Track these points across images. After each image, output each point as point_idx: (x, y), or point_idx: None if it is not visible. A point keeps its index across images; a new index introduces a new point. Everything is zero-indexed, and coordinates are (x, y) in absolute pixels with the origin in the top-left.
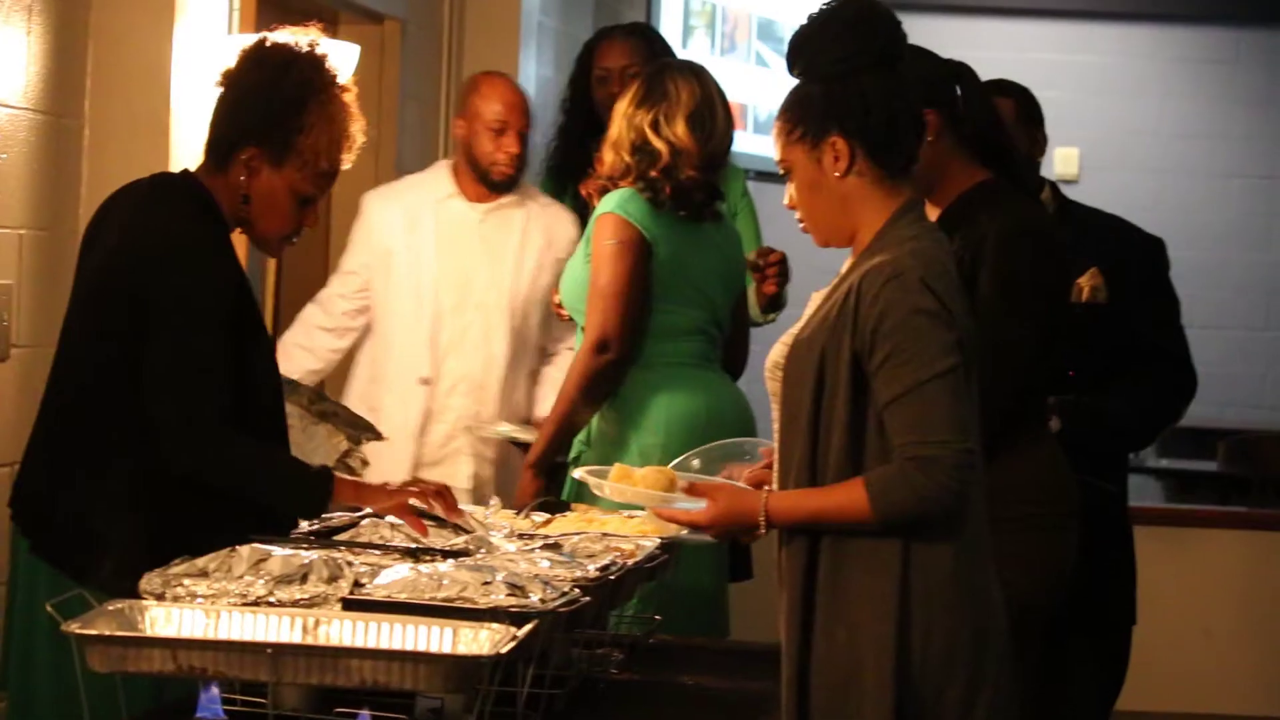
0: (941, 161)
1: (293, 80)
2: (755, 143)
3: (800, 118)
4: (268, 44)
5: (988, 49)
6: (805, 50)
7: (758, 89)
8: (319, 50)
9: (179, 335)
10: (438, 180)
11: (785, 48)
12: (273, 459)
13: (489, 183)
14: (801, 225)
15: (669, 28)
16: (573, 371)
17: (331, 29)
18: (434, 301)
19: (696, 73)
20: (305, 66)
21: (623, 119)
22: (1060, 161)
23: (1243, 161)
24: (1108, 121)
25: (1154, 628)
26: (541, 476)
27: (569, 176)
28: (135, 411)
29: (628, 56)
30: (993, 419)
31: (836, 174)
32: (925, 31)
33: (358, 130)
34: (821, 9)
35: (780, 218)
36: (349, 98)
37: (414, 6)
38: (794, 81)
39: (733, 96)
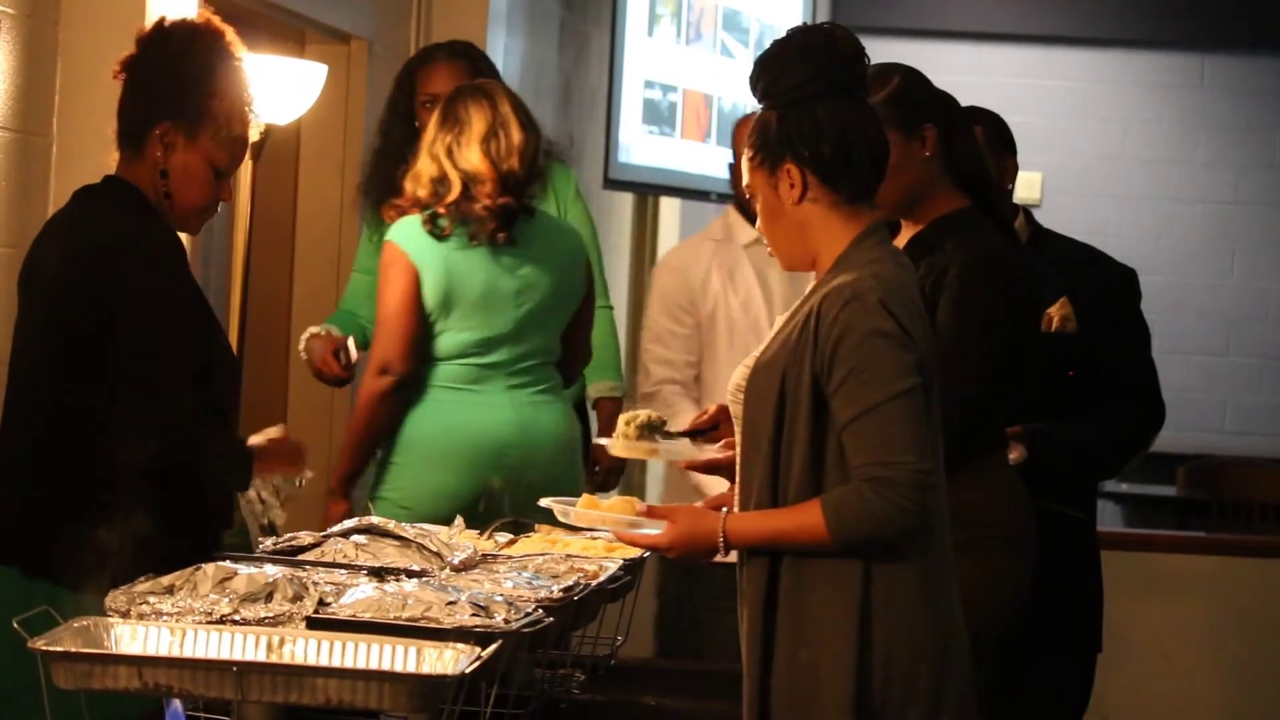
0: (932, 180)
1: (199, 49)
2: (717, 154)
3: (759, 145)
4: (167, 24)
5: (951, 73)
6: (765, 76)
7: (723, 79)
8: (216, 24)
9: (151, 326)
10: (734, 226)
11: (749, 39)
12: (231, 441)
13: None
14: (768, 250)
15: (635, 17)
16: (359, 395)
17: (298, 49)
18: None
19: (489, 94)
20: (207, 37)
21: (425, 151)
22: (1023, 186)
23: (1206, 187)
24: (1071, 146)
25: (1112, 651)
26: (346, 498)
27: (381, 200)
28: (101, 419)
29: (453, 80)
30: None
31: (792, 201)
32: (889, 55)
33: (257, 99)
34: (785, 35)
35: None
36: (247, 69)
37: (381, 27)
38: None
39: (698, 87)
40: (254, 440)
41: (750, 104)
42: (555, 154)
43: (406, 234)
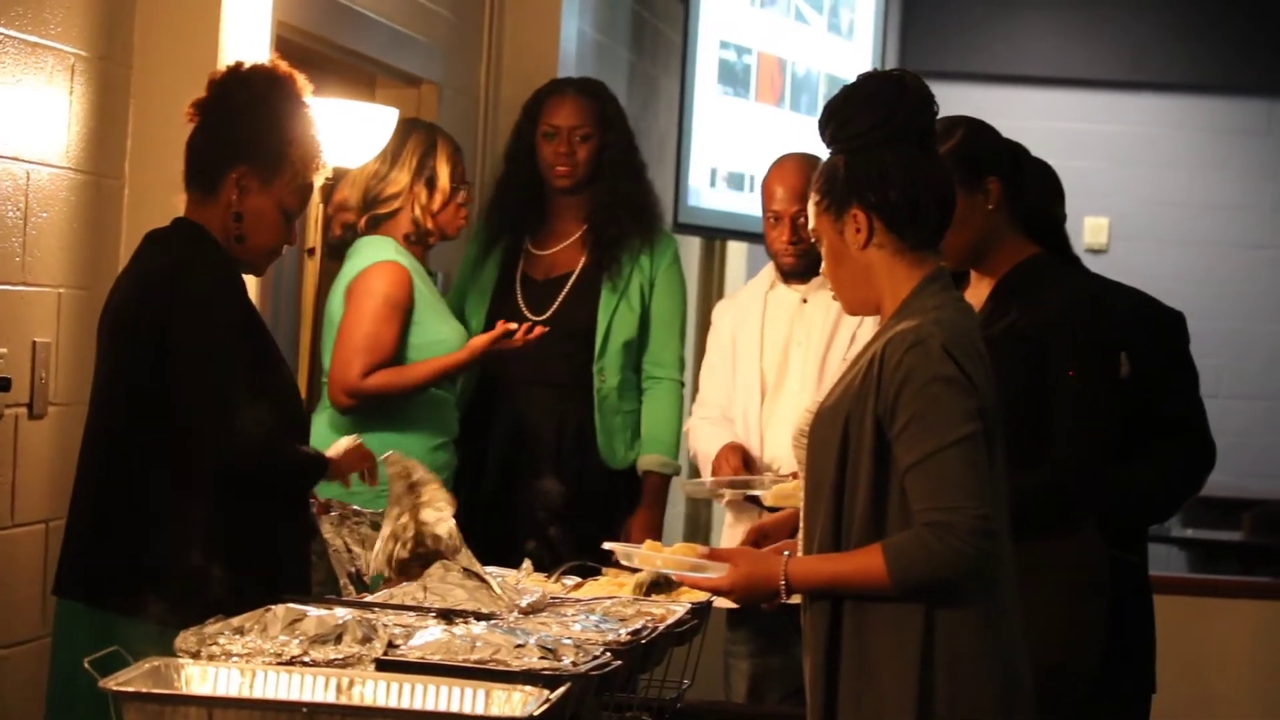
0: (999, 231)
1: (277, 95)
2: (791, 120)
3: (825, 190)
4: (244, 68)
5: (1017, 118)
6: (834, 121)
7: (797, 44)
8: (288, 70)
9: (202, 343)
10: (767, 273)
11: (823, 4)
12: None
13: (781, 270)
14: (832, 294)
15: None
16: None
17: (369, 92)
18: (764, 386)
19: (406, 130)
20: (286, 84)
21: None
22: (1090, 231)
23: (1272, 233)
24: (1137, 191)
25: (1176, 696)
26: None
27: (504, 229)
28: (171, 449)
29: (577, 114)
30: (1083, 474)
31: (858, 246)
32: (957, 100)
33: (325, 144)
34: (855, 80)
35: None
36: (316, 114)
37: (450, 70)
38: (825, 46)
39: (772, 50)
40: (328, 451)
41: (825, 70)
42: (656, 220)
43: None
